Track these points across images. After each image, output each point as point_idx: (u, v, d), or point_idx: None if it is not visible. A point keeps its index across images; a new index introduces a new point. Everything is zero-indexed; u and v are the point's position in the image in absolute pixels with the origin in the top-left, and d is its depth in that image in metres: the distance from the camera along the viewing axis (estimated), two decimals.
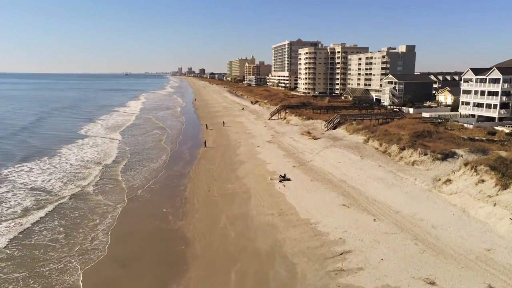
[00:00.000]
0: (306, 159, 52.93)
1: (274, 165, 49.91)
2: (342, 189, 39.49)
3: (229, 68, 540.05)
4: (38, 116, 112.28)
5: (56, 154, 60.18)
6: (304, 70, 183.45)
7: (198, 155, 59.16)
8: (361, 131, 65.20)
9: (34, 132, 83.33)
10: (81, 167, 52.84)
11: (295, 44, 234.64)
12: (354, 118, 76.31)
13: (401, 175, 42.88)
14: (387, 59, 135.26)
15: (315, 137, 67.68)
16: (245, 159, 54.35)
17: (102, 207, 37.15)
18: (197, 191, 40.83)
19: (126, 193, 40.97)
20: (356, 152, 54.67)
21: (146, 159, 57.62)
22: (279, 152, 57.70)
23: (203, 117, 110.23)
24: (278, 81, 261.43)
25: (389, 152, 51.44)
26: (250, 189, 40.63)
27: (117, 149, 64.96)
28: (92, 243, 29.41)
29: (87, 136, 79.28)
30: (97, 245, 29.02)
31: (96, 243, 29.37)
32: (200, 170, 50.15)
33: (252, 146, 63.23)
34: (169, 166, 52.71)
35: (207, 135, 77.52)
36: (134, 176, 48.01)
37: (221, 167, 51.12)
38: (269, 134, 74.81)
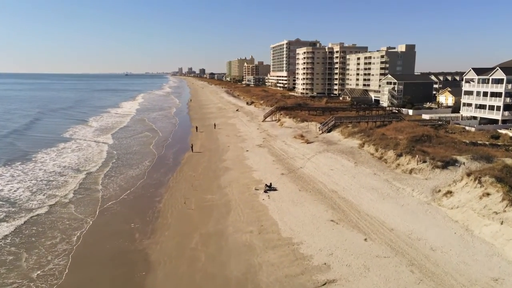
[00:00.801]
0: (296, 165, 49.26)
1: (261, 173, 46.25)
2: (332, 201, 35.81)
3: (228, 68, 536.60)
4: (23, 117, 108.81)
5: (31, 159, 56.61)
6: (302, 70, 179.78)
7: (183, 161, 55.50)
8: (356, 134, 61.49)
9: (13, 133, 79.80)
10: (56, 174, 49.23)
11: (293, 43, 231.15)
12: (350, 120, 72.60)
13: (397, 185, 39.18)
14: (386, 59, 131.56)
15: (308, 140, 63.98)
16: (231, 166, 50.69)
17: (67, 222, 33.52)
18: (173, 203, 37.18)
19: (99, 205, 37.31)
20: (351, 157, 50.98)
21: (129, 165, 54.00)
22: (269, 158, 54.04)
23: (195, 119, 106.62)
24: (277, 81, 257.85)
25: (385, 159, 47.74)
26: (231, 201, 36.97)
27: (100, 154, 61.44)
28: (45, 267, 25.76)
29: (72, 139, 75.73)
30: (51, 271, 25.36)
31: (51, 268, 25.72)
32: (181, 178, 46.49)
33: (241, 151, 59.58)
34: (150, 173, 49.09)
35: (196, 138, 73.87)
36: (111, 184, 44.38)
37: (204, 174, 47.46)
38: (261, 137, 71.16)
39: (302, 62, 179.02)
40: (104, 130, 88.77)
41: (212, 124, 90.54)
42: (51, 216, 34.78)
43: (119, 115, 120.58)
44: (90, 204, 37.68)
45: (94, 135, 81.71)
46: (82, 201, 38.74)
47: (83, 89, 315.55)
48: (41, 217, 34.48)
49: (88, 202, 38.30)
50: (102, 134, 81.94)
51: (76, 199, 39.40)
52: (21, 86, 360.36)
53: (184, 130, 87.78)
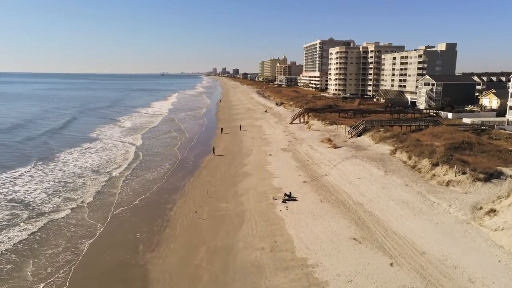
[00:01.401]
0: (320, 172, 45.94)
1: (281, 180, 43.35)
2: (357, 215, 32.37)
3: (261, 68, 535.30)
4: (60, 116, 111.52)
5: (54, 159, 56.65)
6: (334, 71, 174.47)
7: (202, 164, 53.55)
8: (388, 140, 57.20)
9: (47, 133, 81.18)
10: (76, 175, 48.59)
11: (326, 43, 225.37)
12: (381, 124, 68.04)
13: (431, 199, 35.08)
14: (424, 58, 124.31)
15: (335, 145, 60.31)
16: (251, 171, 48.12)
17: (77, 228, 32.22)
18: (185, 211, 35.07)
19: (111, 211, 35.82)
20: (380, 165, 47.04)
21: (149, 167, 52.68)
22: (292, 163, 50.99)
23: (222, 120, 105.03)
24: (309, 82, 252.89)
25: (419, 168, 43.47)
26: (246, 211, 34.35)
27: (124, 155, 60.71)
28: (45, 280, 24.25)
29: (98, 139, 75.95)
30: (49, 285, 23.82)
31: (49, 282, 24.16)
32: (198, 183, 44.44)
33: (264, 155, 56.88)
34: (168, 177, 47.46)
35: (219, 141, 71.94)
36: (127, 188, 43.03)
37: (222, 179, 45.17)
38: (286, 140, 68.11)
39: (334, 62, 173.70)
40: (133, 130, 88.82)
41: (238, 126, 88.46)
42: (62, 221, 33.60)
43: (150, 115, 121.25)
44: (102, 210, 36.30)
45: (122, 135, 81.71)
46: (95, 206, 37.46)
47: (121, 88, 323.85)
48: (52, 223, 33.35)
49: (101, 207, 36.96)
50: (129, 134, 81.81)
51: (90, 203, 38.17)
52: (64, 85, 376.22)
53: (210, 132, 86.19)
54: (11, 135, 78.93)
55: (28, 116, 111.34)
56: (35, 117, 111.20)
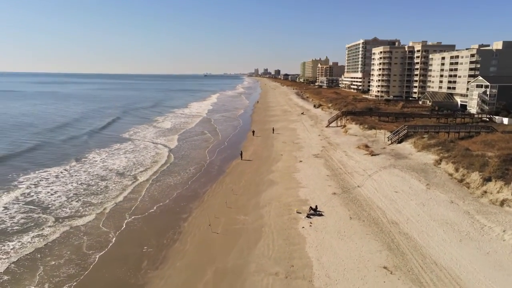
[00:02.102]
0: (353, 183, 41.74)
1: (309, 190, 39.69)
2: (390, 237, 28.17)
3: (302, 69, 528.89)
4: (106, 116, 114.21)
5: (81, 160, 56.49)
6: (377, 71, 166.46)
7: (228, 170, 51.01)
8: (432, 148, 51.62)
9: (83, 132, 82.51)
10: (99, 178, 47.74)
11: (370, 43, 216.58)
12: (425, 129, 62.10)
13: (482, 221, 30.04)
14: (477, 58, 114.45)
15: (373, 152, 55.51)
16: (277, 179, 44.82)
17: (85, 237, 30.66)
18: (199, 223, 32.50)
19: (126, 220, 34.06)
20: (422, 177, 42.03)
21: (175, 171, 50.94)
22: (322, 172, 47.08)
23: (256, 122, 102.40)
24: (351, 83, 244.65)
25: (467, 182, 38.10)
26: (265, 226, 31.17)
27: (153, 157, 59.61)
28: None
29: (130, 139, 75.90)
30: None
31: None
32: (219, 190, 41.86)
33: (294, 161, 53.33)
34: (190, 183, 45.36)
35: (250, 144, 69.25)
36: (147, 194, 41.33)
37: (245, 188, 42.27)
38: (320, 145, 64.03)
39: (378, 63, 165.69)
40: (168, 131, 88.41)
41: (271, 128, 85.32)
42: (76, 229, 32.14)
43: (187, 116, 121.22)
44: (118, 217, 34.61)
45: (156, 136, 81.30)
46: (112, 212, 35.86)
47: (164, 89, 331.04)
48: (65, 230, 32.01)
49: (117, 214, 35.33)
50: (163, 135, 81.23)
51: (107, 209, 36.68)
52: (112, 86, 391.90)
53: (243, 134, 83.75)
54: (56, 134, 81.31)
55: (76, 115, 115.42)
56: (83, 116, 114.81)
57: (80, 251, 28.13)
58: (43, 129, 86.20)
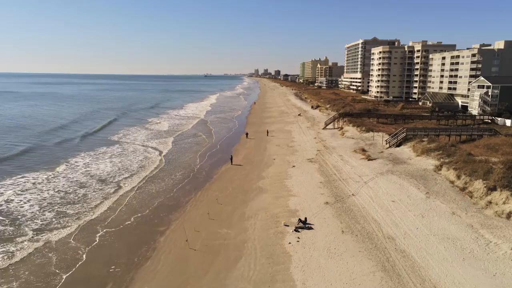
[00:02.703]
0: (347, 191, 38.94)
1: (299, 199, 36.91)
2: (385, 255, 25.38)
3: (301, 69, 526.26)
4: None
5: (62, 164, 53.73)
6: (376, 72, 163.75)
7: (216, 176, 48.24)
8: (432, 152, 48.85)
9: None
10: (79, 185, 44.89)
11: (369, 43, 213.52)
12: (425, 132, 59.31)
13: (487, 236, 27.25)
14: (478, 58, 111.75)
15: (369, 156, 52.72)
16: (267, 186, 42.03)
17: (52, 255, 27.93)
18: (177, 238, 29.70)
19: (99, 234, 31.27)
20: (421, 184, 39.25)
21: (160, 177, 48.28)
22: (316, 178, 44.27)
23: (252, 124, 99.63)
24: (350, 84, 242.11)
25: (470, 191, 35.30)
26: (248, 241, 28.37)
27: (141, 162, 56.82)
28: None
29: (118, 142, 73.13)
30: None
31: None
32: (203, 199, 39.08)
33: (286, 166, 50.55)
34: (174, 191, 42.62)
35: (242, 147, 66.51)
36: (125, 203, 38.57)
37: (232, 196, 39.47)
38: (315, 149, 61.23)
39: (377, 63, 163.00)
40: (161, 133, 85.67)
41: (265, 131, 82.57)
42: (44, 244, 29.31)
43: (182, 117, 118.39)
44: (91, 230, 31.81)
45: (147, 138, 78.56)
46: (86, 224, 33.08)
47: (164, 90, 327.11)
48: (33, 245, 29.24)
49: (91, 227, 32.53)
50: (155, 138, 78.43)
51: (82, 221, 33.93)
52: (113, 86, 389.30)
53: (237, 136, 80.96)
54: (44, 136, 78.69)
55: (69, 116, 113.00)
56: (76, 117, 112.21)
57: (46, 271, 25.34)
58: (35, 132, 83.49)
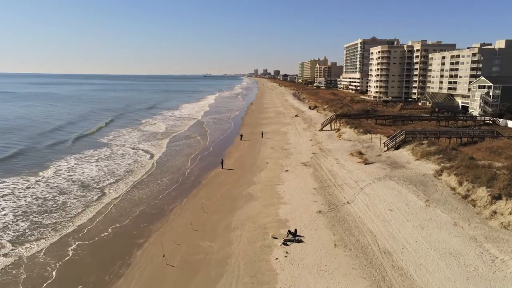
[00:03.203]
0: (342, 199, 36.59)
1: (291, 208, 34.55)
2: (381, 273, 23.03)
3: (300, 69, 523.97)
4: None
5: (44, 168, 51.35)
6: (375, 72, 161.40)
7: (205, 181, 45.90)
8: (432, 156, 46.50)
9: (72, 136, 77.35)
10: (59, 191, 42.40)
11: (368, 42, 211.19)
12: (425, 134, 56.97)
13: (492, 251, 24.90)
14: (479, 57, 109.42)
15: (367, 160, 50.37)
16: (257, 193, 39.66)
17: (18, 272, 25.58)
18: (155, 252, 27.31)
19: (71, 247, 28.89)
20: (421, 191, 36.91)
21: (147, 182, 46.04)
22: (309, 184, 41.91)
23: (247, 125, 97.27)
24: (349, 84, 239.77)
25: (473, 199, 32.95)
26: (232, 255, 26.02)
27: (129, 165, 54.50)
28: None
29: (108, 144, 70.71)
30: None
31: None
32: (189, 207, 36.72)
33: (279, 171, 48.20)
34: (158, 197, 40.27)
35: (235, 150, 64.20)
36: (106, 212, 36.20)
37: (219, 204, 37.11)
38: (310, 152, 58.86)
39: (376, 63, 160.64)
40: (154, 134, 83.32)
41: (261, 132, 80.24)
42: (14, 260, 26.92)
43: (178, 118, 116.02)
44: (64, 243, 29.46)
45: (138, 140, 76.16)
46: (60, 237, 30.71)
47: (163, 90, 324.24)
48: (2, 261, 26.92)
49: (64, 239, 30.20)
50: (147, 140, 76.00)
51: (57, 232, 31.57)
52: (112, 86, 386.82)
53: (231, 138, 78.63)
54: (42, 138, 76.60)
55: (67, 118, 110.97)
56: (74, 118, 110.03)
57: None
58: (26, 133, 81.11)
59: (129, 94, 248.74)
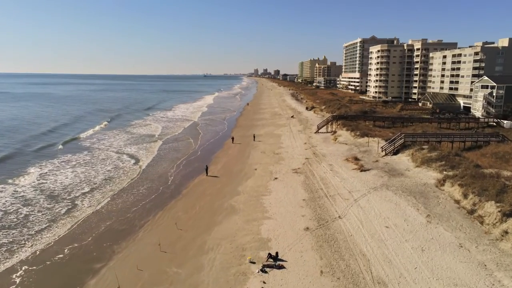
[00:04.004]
0: (333, 212, 32.80)
1: (275, 224, 30.77)
2: None
3: (300, 69, 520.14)
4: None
5: (18, 174, 47.64)
6: (374, 71, 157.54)
7: (185, 190, 42.10)
8: (434, 162, 42.71)
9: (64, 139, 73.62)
10: (23, 202, 38.65)
11: (368, 41, 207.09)
12: (425, 138, 53.17)
13: (506, 283, 21.10)
14: (481, 56, 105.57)
15: (362, 166, 46.57)
16: (240, 205, 35.87)
17: None
18: (111, 280, 23.51)
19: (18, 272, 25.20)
20: (421, 204, 33.13)
21: (123, 190, 42.45)
22: (299, 194, 38.12)
23: (241, 127, 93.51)
24: (348, 84, 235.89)
25: (480, 215, 29.13)
26: (199, 285, 22.23)
27: (108, 172, 50.77)
28: None
29: (90, 148, 66.92)
30: None
31: None
32: (162, 222, 32.94)
33: (267, 178, 44.41)
34: (131, 210, 36.53)
35: (223, 154, 60.48)
36: (67, 229, 32.45)
37: (196, 218, 33.33)
38: (303, 157, 55.08)
39: (375, 62, 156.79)
40: (143, 137, 79.55)
41: (256, 134, 76.51)
42: None
43: (171, 119, 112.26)
44: (9, 269, 25.72)
45: (125, 144, 72.32)
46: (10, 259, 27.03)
47: (161, 90, 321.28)
48: None
49: (12, 262, 26.47)
50: (135, 143, 72.12)
51: (9, 254, 27.83)
52: (114, 86, 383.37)
53: (222, 141, 74.85)
54: (38, 141, 73.47)
55: (59, 119, 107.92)
56: (64, 120, 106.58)
57: None
58: (13, 136, 77.57)
59: (127, 94, 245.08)
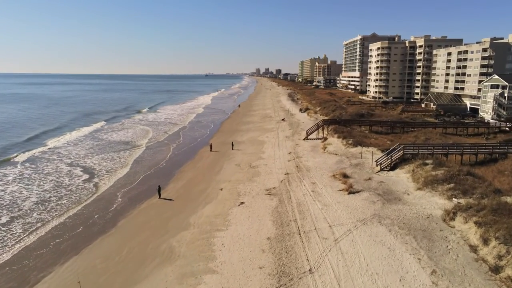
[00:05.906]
0: (303, 262, 23.77)
1: (218, 282, 21.80)
2: None
3: (300, 68, 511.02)
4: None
5: None
6: (374, 70, 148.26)
7: (121, 222, 33.20)
8: (440, 185, 33.58)
9: None
10: None
11: (368, 39, 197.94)
12: (429, 150, 44.01)
13: None
14: (490, 53, 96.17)
15: (352, 187, 37.46)
16: (182, 247, 26.92)
17: None
18: None
19: None
20: (424, 250, 24.08)
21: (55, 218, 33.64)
22: (264, 229, 29.12)
23: (224, 132, 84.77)
24: (348, 83, 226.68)
25: (510, 277, 20.03)
26: None
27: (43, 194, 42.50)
28: None
29: (37, 159, 58.33)
30: None
31: None
32: (60, 281, 24.02)
33: (231, 203, 35.47)
34: (36, 254, 27.74)
35: (192, 167, 51.88)
36: None
37: (114, 271, 24.38)
38: (284, 171, 46.05)
39: (375, 60, 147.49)
40: (110, 143, 71.39)
41: (238, 140, 67.84)
42: None
43: (151, 123, 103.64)
44: None
45: (87, 153, 63.98)
46: None
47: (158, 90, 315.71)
48: None
49: None
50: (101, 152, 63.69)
51: None
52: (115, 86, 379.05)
53: (197, 149, 66.18)
54: None
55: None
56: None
57: None
58: None
59: (123, 95, 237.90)
